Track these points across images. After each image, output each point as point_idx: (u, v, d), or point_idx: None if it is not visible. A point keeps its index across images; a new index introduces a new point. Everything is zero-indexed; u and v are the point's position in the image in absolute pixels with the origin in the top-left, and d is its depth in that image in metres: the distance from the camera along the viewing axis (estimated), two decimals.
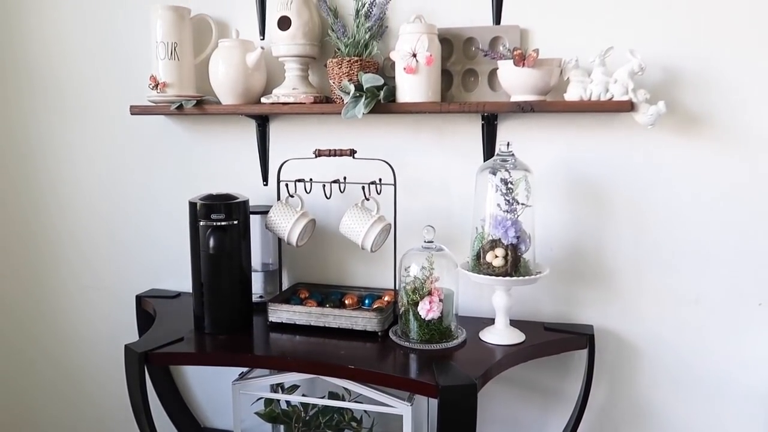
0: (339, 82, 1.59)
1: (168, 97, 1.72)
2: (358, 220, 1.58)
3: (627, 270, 1.64)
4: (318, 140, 1.77)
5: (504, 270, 1.47)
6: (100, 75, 1.95)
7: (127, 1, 1.88)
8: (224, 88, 1.69)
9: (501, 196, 1.49)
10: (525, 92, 1.50)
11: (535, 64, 1.44)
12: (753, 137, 1.52)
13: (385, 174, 1.62)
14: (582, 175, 1.63)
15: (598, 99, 1.46)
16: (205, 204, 1.57)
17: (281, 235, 1.64)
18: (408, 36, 1.54)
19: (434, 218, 1.73)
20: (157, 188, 1.96)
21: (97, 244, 2.06)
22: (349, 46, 1.60)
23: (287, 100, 1.63)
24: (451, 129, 1.69)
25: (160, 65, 1.72)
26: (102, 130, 1.98)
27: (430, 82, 1.55)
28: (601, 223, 1.64)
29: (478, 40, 1.62)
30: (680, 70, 1.53)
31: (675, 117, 1.54)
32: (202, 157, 1.91)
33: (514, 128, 1.65)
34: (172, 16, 1.71)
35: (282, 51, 1.65)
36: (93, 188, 2.03)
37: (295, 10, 1.62)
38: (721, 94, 1.52)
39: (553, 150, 1.63)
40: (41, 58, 2.00)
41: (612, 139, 1.59)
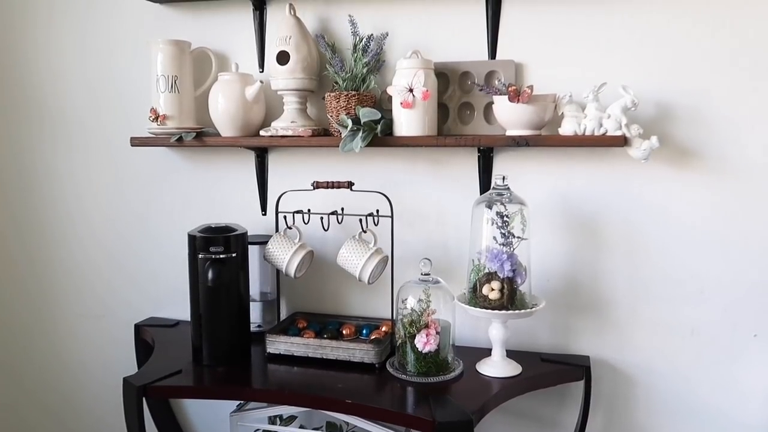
0: (337, 115, 1.62)
1: (168, 129, 1.74)
2: (355, 252, 1.60)
3: (622, 301, 1.65)
4: (316, 172, 1.79)
5: (500, 303, 1.49)
6: (102, 107, 1.97)
7: (129, 35, 1.91)
8: (224, 121, 1.72)
9: (497, 229, 1.50)
10: (520, 127, 1.52)
11: (529, 100, 1.46)
12: (745, 170, 1.54)
13: (383, 205, 1.64)
14: (577, 207, 1.65)
15: (592, 134, 1.49)
16: (204, 237, 1.59)
17: (279, 266, 1.65)
18: (405, 71, 1.56)
19: (431, 249, 1.75)
20: (157, 217, 1.98)
21: (96, 273, 2.07)
22: (347, 81, 1.63)
23: (286, 133, 1.66)
24: (447, 161, 1.71)
25: (161, 98, 1.74)
26: (103, 161, 2.00)
27: (427, 116, 1.57)
28: (596, 255, 1.66)
29: (473, 74, 1.65)
30: (672, 104, 1.56)
31: (668, 150, 1.57)
32: (202, 187, 1.93)
33: (510, 161, 1.67)
34: (172, 50, 1.74)
35: (281, 85, 1.68)
36: (93, 217, 2.04)
37: (293, 45, 1.64)
38: (712, 128, 1.55)
39: (548, 182, 1.65)
40: (45, 90, 2.02)
41: (606, 172, 1.61)
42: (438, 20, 1.67)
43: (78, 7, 1.95)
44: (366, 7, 1.71)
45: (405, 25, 1.70)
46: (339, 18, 1.73)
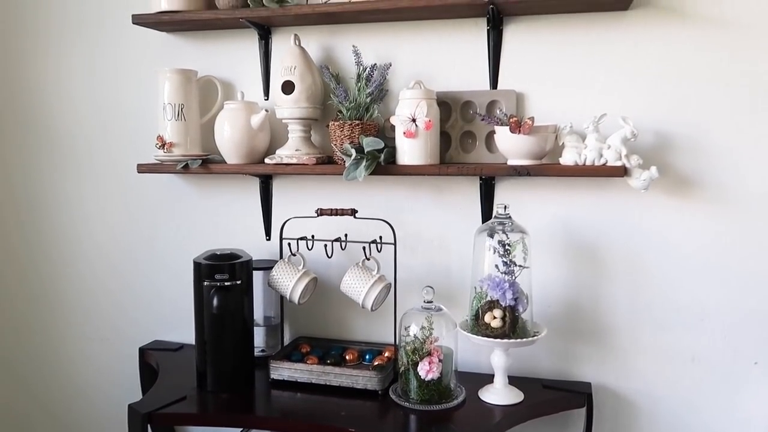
0: (341, 144, 1.64)
1: (174, 156, 1.77)
2: (358, 279, 1.62)
3: (623, 328, 1.67)
4: (320, 198, 1.81)
5: (502, 331, 1.50)
6: (110, 133, 2.00)
7: (136, 63, 1.94)
8: (229, 149, 1.74)
9: (499, 257, 1.52)
10: (521, 157, 1.54)
11: (530, 131, 1.49)
12: (744, 199, 1.56)
13: (386, 232, 1.66)
14: (578, 235, 1.67)
15: (593, 164, 1.51)
16: (209, 264, 1.60)
17: (283, 293, 1.67)
18: (408, 101, 1.59)
19: (434, 274, 1.77)
20: (162, 242, 2.00)
21: (102, 296, 2.09)
22: (351, 110, 1.66)
23: (290, 161, 1.68)
24: (449, 189, 1.74)
25: (167, 126, 1.77)
26: (110, 186, 2.03)
27: (429, 145, 1.60)
28: (597, 282, 1.67)
29: (475, 103, 1.67)
30: (672, 135, 1.58)
31: (667, 180, 1.59)
32: (207, 212, 1.95)
33: (512, 189, 1.69)
34: (179, 79, 1.77)
35: (285, 114, 1.70)
36: (99, 241, 2.07)
37: (298, 75, 1.67)
38: (711, 157, 1.57)
39: (549, 210, 1.67)
40: (54, 116, 2.05)
41: (606, 201, 1.63)
42: (440, 50, 1.70)
43: (87, 36, 1.98)
44: (369, 37, 1.74)
45: (408, 54, 1.72)
46: (343, 47, 1.76)
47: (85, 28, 1.98)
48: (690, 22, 1.54)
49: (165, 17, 1.73)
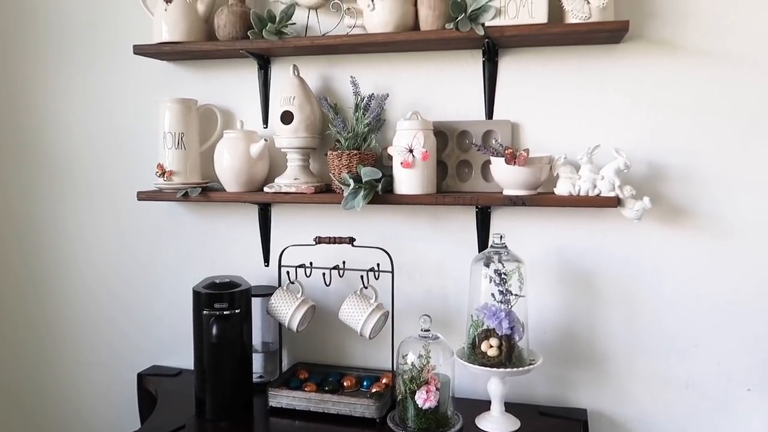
0: (339, 173, 1.67)
1: (174, 184, 1.79)
2: (356, 308, 1.63)
3: (619, 354, 1.69)
4: (318, 226, 1.83)
5: (499, 360, 1.52)
6: (110, 160, 2.02)
7: (137, 91, 1.96)
8: (228, 177, 1.76)
9: (495, 286, 1.54)
10: (516, 187, 1.57)
11: (525, 162, 1.51)
12: (736, 228, 1.59)
13: (383, 259, 1.68)
14: (573, 263, 1.69)
15: (587, 195, 1.53)
16: (209, 293, 1.62)
17: (282, 321, 1.69)
18: (405, 132, 1.62)
19: (431, 301, 1.79)
20: (161, 267, 2.02)
21: (101, 321, 2.10)
22: (349, 140, 1.68)
23: (289, 190, 1.70)
24: (446, 217, 1.76)
25: (167, 154, 1.79)
26: (110, 212, 2.04)
27: (426, 175, 1.62)
28: (592, 309, 1.69)
29: (471, 133, 1.70)
30: (664, 165, 1.61)
31: (660, 209, 1.61)
32: (206, 238, 1.97)
33: (507, 217, 1.71)
34: (179, 108, 1.79)
35: (284, 143, 1.73)
36: (99, 266, 2.08)
37: (297, 105, 1.70)
38: (703, 187, 1.60)
39: (544, 239, 1.70)
40: (55, 144, 2.07)
41: (601, 229, 1.66)
42: (437, 81, 1.73)
43: (88, 64, 2.00)
44: (367, 67, 1.77)
45: (405, 84, 1.75)
46: (341, 77, 1.79)
47: (87, 57, 2.00)
48: (680, 55, 1.58)
49: (166, 48, 1.76)
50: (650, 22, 1.58)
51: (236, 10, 1.72)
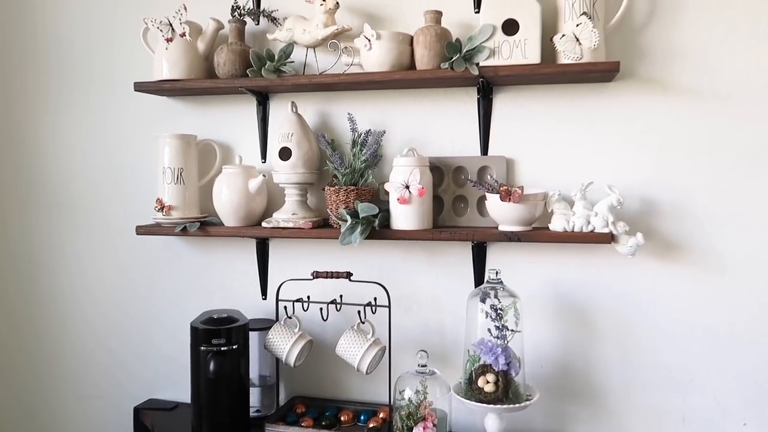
0: (336, 209, 1.68)
1: (173, 219, 1.80)
2: (354, 343, 1.64)
3: (615, 388, 1.69)
4: (316, 260, 1.84)
5: (495, 396, 1.52)
6: (109, 194, 2.04)
7: (137, 126, 1.99)
8: (227, 211, 1.78)
9: (491, 321, 1.55)
10: (511, 223, 1.59)
11: (520, 200, 1.54)
12: (728, 263, 1.61)
13: (381, 293, 1.69)
14: (568, 297, 1.70)
15: (581, 231, 1.56)
16: (206, 329, 1.63)
17: (279, 356, 1.69)
18: (401, 168, 1.64)
19: (427, 334, 1.80)
20: (159, 300, 2.02)
21: (97, 353, 2.10)
22: (346, 176, 1.70)
23: (287, 225, 1.72)
24: (442, 251, 1.78)
25: (167, 189, 1.81)
26: (109, 246, 2.05)
27: (422, 210, 1.64)
28: (588, 343, 1.70)
29: (467, 168, 1.73)
30: (657, 200, 1.63)
31: (654, 244, 1.63)
32: (204, 271, 1.98)
33: (503, 252, 1.73)
34: (179, 144, 1.82)
35: (282, 179, 1.75)
36: (97, 299, 2.09)
37: (295, 142, 1.73)
38: (696, 222, 1.62)
39: (540, 274, 1.71)
40: (54, 177, 2.09)
41: (595, 264, 1.68)
42: (433, 117, 1.76)
43: (89, 99, 2.03)
44: (364, 103, 1.80)
45: (401, 121, 1.78)
46: (339, 113, 1.82)
47: (88, 92, 2.03)
48: (670, 93, 1.61)
49: (166, 85, 1.79)
50: (641, 61, 1.62)
51: (236, 48, 1.75)
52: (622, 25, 1.61)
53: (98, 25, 2.01)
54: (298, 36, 1.72)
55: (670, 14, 1.60)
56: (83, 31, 2.02)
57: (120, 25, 1.97)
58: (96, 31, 2.01)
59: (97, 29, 2.01)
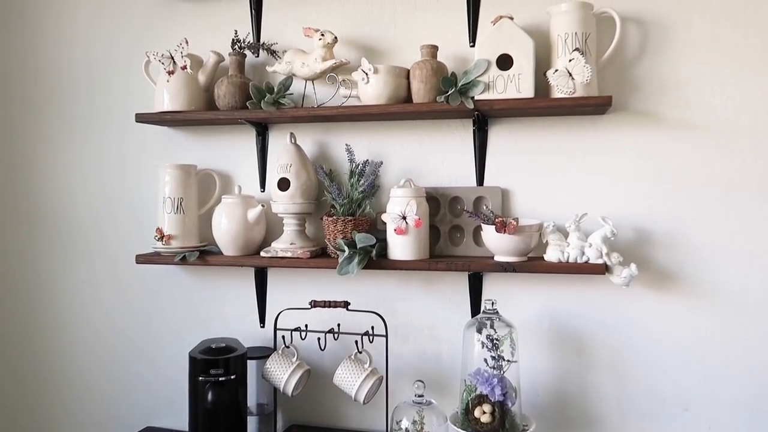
0: (334, 239, 1.71)
1: (172, 248, 1.82)
2: (351, 373, 1.65)
3: (611, 417, 1.70)
4: (314, 288, 1.86)
5: (492, 427, 1.53)
6: (109, 223, 2.06)
7: (138, 156, 2.01)
8: (226, 241, 1.80)
9: (487, 351, 1.57)
10: (507, 254, 1.61)
11: (515, 231, 1.56)
12: (721, 293, 1.63)
13: (378, 322, 1.71)
14: (564, 326, 1.72)
15: (575, 261, 1.58)
16: (205, 359, 1.64)
17: (277, 386, 1.70)
18: (398, 199, 1.66)
19: (424, 363, 1.81)
20: (158, 328, 2.03)
21: (95, 381, 2.10)
22: (344, 206, 1.73)
23: (285, 255, 1.74)
24: (439, 280, 1.80)
25: (166, 218, 1.83)
26: (109, 273, 2.07)
27: (419, 241, 1.66)
28: (584, 372, 1.71)
29: (463, 199, 1.75)
30: (650, 231, 1.66)
31: (648, 274, 1.65)
32: (202, 300, 1.99)
33: (499, 282, 1.75)
34: (179, 174, 1.84)
35: (281, 209, 1.77)
36: (96, 327, 2.10)
37: (294, 172, 1.75)
38: (689, 253, 1.64)
39: (535, 303, 1.73)
40: (55, 206, 2.11)
41: (590, 294, 1.70)
42: (429, 148, 1.79)
43: (90, 128, 2.06)
44: (362, 134, 1.83)
45: (398, 151, 1.81)
46: (337, 144, 1.85)
47: (90, 122, 2.06)
48: (663, 126, 1.64)
49: (167, 116, 1.82)
50: (633, 94, 1.65)
51: (236, 81, 1.78)
52: (614, 59, 1.64)
53: (101, 56, 2.04)
54: (297, 69, 1.75)
55: (660, 49, 1.64)
56: (86, 62, 2.06)
57: (122, 56, 2.01)
58: (98, 62, 2.04)
59: (100, 60, 2.04)
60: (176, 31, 1.93)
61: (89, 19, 2.04)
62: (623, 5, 1.64)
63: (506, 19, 1.61)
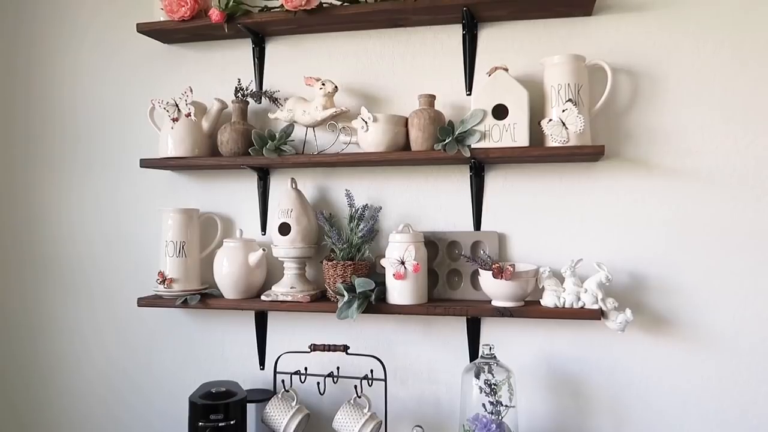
0: (333, 284, 1.73)
1: (174, 292, 1.84)
2: (350, 418, 1.66)
3: None
4: (314, 331, 1.88)
5: None
6: (112, 265, 2.08)
7: (142, 199, 2.05)
8: (227, 284, 1.82)
9: (485, 396, 1.58)
10: (504, 299, 1.64)
11: (512, 277, 1.59)
12: (716, 338, 1.65)
13: (377, 365, 1.72)
14: (561, 371, 1.73)
15: (571, 307, 1.60)
16: (205, 404, 1.65)
17: (276, 430, 1.70)
18: (397, 245, 1.69)
19: (423, 405, 1.82)
20: (159, 369, 2.04)
21: (98, 422, 2.10)
22: (344, 251, 1.76)
23: (285, 299, 1.76)
24: (437, 323, 1.82)
25: (168, 262, 1.86)
26: (110, 315, 2.08)
27: (418, 286, 1.69)
28: (581, 417, 1.72)
29: (461, 243, 1.78)
30: (645, 275, 1.69)
31: (643, 319, 1.68)
32: (203, 342, 2.00)
33: (497, 325, 1.77)
34: (182, 218, 1.87)
35: (281, 253, 1.80)
36: (98, 367, 2.10)
37: (294, 217, 1.78)
38: (683, 297, 1.67)
39: (533, 347, 1.75)
40: (59, 248, 2.13)
41: (587, 338, 1.72)
42: (427, 193, 1.83)
43: (95, 172, 2.09)
44: (361, 179, 1.87)
45: (397, 196, 1.85)
46: (337, 188, 1.89)
47: (94, 166, 2.10)
48: (654, 173, 1.68)
49: (171, 162, 1.86)
50: (625, 142, 1.70)
51: (239, 128, 1.83)
52: (606, 109, 1.69)
53: (106, 101, 2.08)
54: (299, 116, 1.80)
55: (650, 99, 1.69)
56: (91, 107, 2.10)
57: (128, 102, 2.05)
58: (104, 107, 2.09)
59: (105, 105, 2.08)
60: (181, 77, 1.99)
61: (95, 64, 2.09)
62: (614, 57, 1.70)
63: (501, 70, 1.66)
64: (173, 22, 1.84)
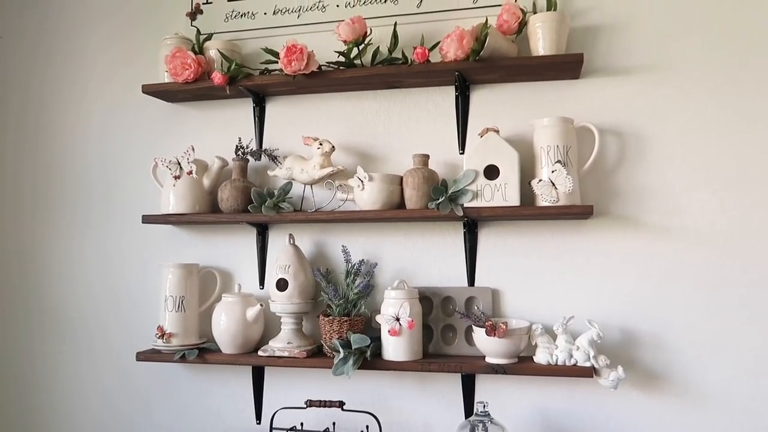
0: (330, 339, 1.76)
1: (172, 346, 1.87)
2: None
3: None
4: (310, 386, 1.90)
5: None
6: (111, 319, 2.11)
7: (142, 252, 2.09)
8: (225, 339, 1.85)
9: None
10: (497, 356, 1.66)
11: (504, 335, 1.61)
12: (708, 394, 1.66)
13: (372, 422, 1.73)
14: (555, 427, 1.74)
15: (564, 364, 1.62)
16: None
17: None
18: (392, 301, 1.72)
19: None
20: (156, 423, 2.04)
21: None
22: (340, 306, 1.79)
23: (282, 354, 1.78)
24: (432, 379, 1.83)
25: (167, 317, 1.89)
26: (109, 368, 2.10)
27: (413, 341, 1.71)
28: None
29: (455, 299, 1.81)
30: (636, 332, 1.71)
31: (635, 375, 1.69)
32: (201, 395, 2.01)
33: (491, 381, 1.79)
34: (181, 273, 1.91)
35: (278, 309, 1.83)
36: (96, 419, 2.11)
37: (292, 273, 1.82)
38: (674, 353, 1.69)
39: (527, 403, 1.76)
40: (58, 301, 2.16)
41: (580, 395, 1.73)
42: (422, 249, 1.87)
43: (95, 225, 2.14)
44: (358, 234, 1.91)
45: (392, 252, 1.89)
46: (333, 244, 1.93)
47: (95, 220, 2.15)
48: (644, 231, 1.72)
49: (173, 218, 1.91)
50: (614, 201, 1.74)
51: (238, 185, 1.88)
52: (595, 168, 1.74)
53: (110, 157, 2.14)
54: (297, 174, 1.85)
55: (638, 159, 1.74)
56: (95, 163, 2.16)
57: (131, 158, 2.11)
58: (108, 163, 2.14)
59: (109, 161, 2.14)
60: (184, 135, 2.05)
61: (101, 121, 2.16)
62: (601, 118, 1.76)
63: (492, 132, 1.72)
64: (177, 84, 1.92)
